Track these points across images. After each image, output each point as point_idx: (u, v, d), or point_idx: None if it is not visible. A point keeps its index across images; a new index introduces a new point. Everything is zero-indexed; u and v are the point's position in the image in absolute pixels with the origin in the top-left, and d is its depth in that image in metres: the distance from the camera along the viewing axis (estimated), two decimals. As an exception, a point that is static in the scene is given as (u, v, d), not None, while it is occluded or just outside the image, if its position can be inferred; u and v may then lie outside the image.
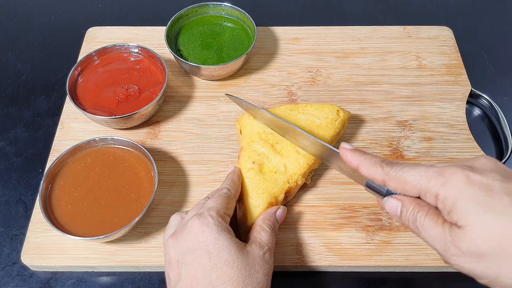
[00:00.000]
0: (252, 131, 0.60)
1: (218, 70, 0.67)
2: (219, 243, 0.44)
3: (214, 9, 0.75)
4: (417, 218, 0.41)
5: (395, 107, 0.68)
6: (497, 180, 0.38)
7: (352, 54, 0.74)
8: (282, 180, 0.55)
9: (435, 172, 0.41)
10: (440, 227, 0.40)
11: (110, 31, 0.77)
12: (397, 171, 0.43)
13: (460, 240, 0.38)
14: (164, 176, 0.61)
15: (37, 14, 0.85)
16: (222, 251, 0.44)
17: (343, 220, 0.57)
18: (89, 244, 0.56)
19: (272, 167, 0.56)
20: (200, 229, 0.45)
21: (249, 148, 0.58)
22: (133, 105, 0.64)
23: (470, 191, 0.38)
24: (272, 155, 0.57)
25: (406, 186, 0.42)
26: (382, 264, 0.54)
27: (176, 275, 0.45)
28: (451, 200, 0.39)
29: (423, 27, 0.77)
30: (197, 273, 0.43)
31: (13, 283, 0.55)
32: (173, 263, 0.45)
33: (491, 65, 0.76)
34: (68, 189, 0.56)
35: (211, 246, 0.44)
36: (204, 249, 0.44)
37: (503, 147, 0.66)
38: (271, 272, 0.47)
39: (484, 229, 0.37)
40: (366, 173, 0.46)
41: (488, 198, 0.38)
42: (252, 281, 0.44)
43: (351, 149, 0.48)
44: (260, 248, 0.47)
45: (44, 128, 0.69)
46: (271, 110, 0.61)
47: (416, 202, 0.42)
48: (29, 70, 0.76)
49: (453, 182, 0.39)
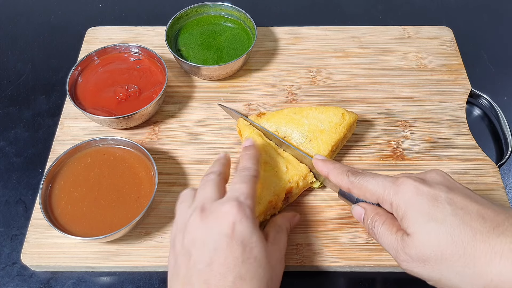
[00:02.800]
0: (253, 132, 0.60)
1: (218, 70, 0.67)
2: (253, 239, 0.44)
3: (214, 9, 0.75)
4: (375, 226, 0.47)
5: (395, 107, 0.68)
6: (443, 191, 0.43)
7: (352, 54, 0.74)
8: (283, 179, 0.55)
9: (390, 182, 0.46)
10: (394, 236, 0.44)
11: (110, 31, 0.77)
12: (360, 180, 0.48)
13: (409, 247, 0.42)
14: (164, 176, 0.61)
15: (37, 14, 0.85)
16: (254, 247, 0.43)
17: (343, 220, 0.57)
18: (89, 244, 0.56)
19: (274, 166, 0.56)
20: (238, 218, 0.44)
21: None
22: (133, 105, 0.64)
23: (418, 201, 0.43)
24: (274, 155, 0.57)
25: (367, 193, 0.48)
26: (382, 264, 0.54)
27: (200, 256, 0.43)
28: (402, 208, 0.44)
29: (423, 27, 0.77)
30: (227, 261, 0.42)
31: (13, 283, 0.55)
32: (198, 242, 0.43)
33: (491, 65, 0.76)
34: (68, 189, 0.56)
35: (246, 240, 0.43)
36: (239, 240, 0.43)
37: (503, 147, 0.66)
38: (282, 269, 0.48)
39: (427, 236, 0.42)
40: (334, 180, 0.51)
41: (432, 207, 0.42)
42: (272, 282, 0.44)
43: (322, 159, 0.54)
44: (279, 252, 0.48)
45: (44, 128, 0.69)
46: (275, 113, 0.61)
47: (376, 210, 0.48)
48: (29, 70, 0.76)
49: (404, 192, 0.44)
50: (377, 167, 0.62)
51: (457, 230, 0.41)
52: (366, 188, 0.48)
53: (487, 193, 0.59)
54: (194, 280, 0.42)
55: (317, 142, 0.58)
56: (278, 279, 0.46)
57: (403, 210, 0.44)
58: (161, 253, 0.55)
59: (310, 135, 0.58)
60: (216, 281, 0.41)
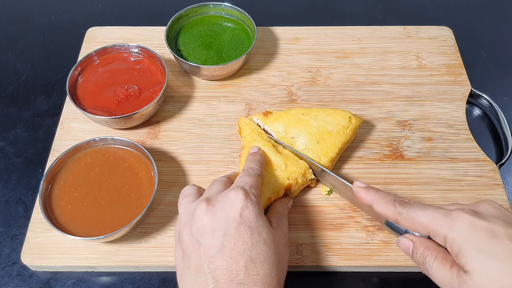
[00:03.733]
0: (253, 131, 0.60)
1: (218, 70, 0.67)
2: (260, 223, 0.45)
3: (214, 9, 0.75)
4: (427, 261, 0.44)
5: (395, 107, 0.68)
6: (500, 226, 0.41)
7: (352, 54, 0.74)
8: (282, 176, 0.56)
9: (443, 215, 0.44)
10: (448, 272, 0.42)
11: (110, 31, 0.77)
12: (408, 212, 0.46)
13: (467, 284, 0.40)
14: (164, 176, 0.61)
15: (37, 14, 0.85)
16: (262, 231, 0.44)
17: (343, 220, 0.57)
18: (89, 244, 0.56)
19: (272, 164, 0.56)
20: (244, 204, 0.45)
21: (250, 145, 0.58)
22: (133, 105, 0.64)
23: (476, 236, 0.41)
24: (272, 154, 0.57)
25: (417, 226, 0.46)
26: (382, 264, 0.54)
27: (210, 243, 0.43)
28: (458, 244, 0.42)
29: (423, 27, 0.77)
30: (237, 245, 0.43)
31: (13, 283, 0.55)
32: (207, 230, 0.44)
33: (491, 65, 0.76)
34: (68, 189, 0.56)
35: (253, 224, 0.44)
36: (247, 225, 0.44)
37: (503, 147, 0.66)
38: None
39: (488, 275, 0.39)
40: (380, 211, 0.49)
41: (492, 244, 0.40)
42: (281, 265, 0.45)
43: (364, 187, 0.51)
44: (284, 236, 0.49)
45: (44, 128, 0.69)
46: (282, 112, 0.61)
47: (426, 244, 0.45)
48: (29, 70, 0.76)
49: (460, 226, 0.42)
50: (377, 167, 0.62)
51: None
52: (416, 220, 0.45)
53: (487, 193, 0.59)
54: (205, 268, 0.42)
55: (325, 144, 0.58)
56: (286, 263, 0.47)
57: (459, 246, 0.42)
58: (161, 253, 0.55)
59: (318, 137, 0.58)
60: (228, 266, 0.41)
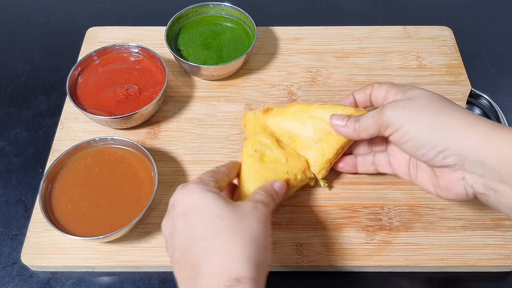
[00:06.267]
0: (257, 124, 0.59)
1: (218, 70, 0.67)
2: (204, 201, 0.43)
3: (214, 9, 0.75)
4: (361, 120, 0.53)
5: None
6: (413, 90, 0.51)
7: (352, 54, 0.74)
8: (281, 170, 0.55)
9: None
10: None
11: (110, 31, 0.77)
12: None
13: None
14: (164, 176, 0.61)
15: (37, 14, 0.85)
16: (211, 207, 0.43)
17: (343, 220, 0.57)
18: (89, 244, 0.56)
19: (273, 157, 0.55)
20: (184, 196, 0.45)
21: (253, 138, 0.57)
22: (133, 105, 0.64)
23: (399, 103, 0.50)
24: (274, 147, 0.56)
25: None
26: (382, 264, 0.54)
27: (171, 250, 0.44)
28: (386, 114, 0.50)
29: (423, 27, 0.77)
30: (188, 235, 0.42)
31: (13, 283, 0.55)
32: (168, 241, 0.44)
33: (491, 65, 0.76)
34: (68, 189, 0.56)
35: (198, 206, 0.43)
36: (194, 211, 0.43)
37: (503, 147, 0.66)
38: (265, 220, 0.45)
39: None
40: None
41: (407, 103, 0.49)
42: (243, 226, 0.42)
43: None
44: (252, 202, 0.46)
45: (44, 128, 0.69)
46: (282, 109, 0.59)
47: None
48: (29, 70, 0.76)
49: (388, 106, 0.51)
50: (377, 167, 0.62)
51: None
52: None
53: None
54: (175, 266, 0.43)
55: (322, 144, 0.56)
56: (256, 221, 0.43)
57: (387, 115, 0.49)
58: (161, 253, 0.55)
59: (315, 137, 0.57)
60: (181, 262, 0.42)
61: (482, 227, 0.56)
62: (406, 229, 0.56)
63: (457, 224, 0.57)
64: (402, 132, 0.47)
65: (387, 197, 0.59)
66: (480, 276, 0.56)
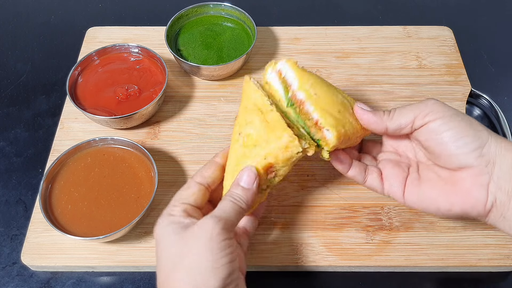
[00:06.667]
0: (249, 98, 0.50)
1: (218, 70, 0.67)
2: (159, 233, 0.44)
3: (214, 9, 0.75)
4: None
5: (395, 107, 0.68)
6: None
7: (352, 54, 0.74)
8: (261, 154, 0.46)
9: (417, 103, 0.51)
10: None
11: (110, 31, 0.77)
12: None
13: None
14: (164, 176, 0.61)
15: (37, 14, 0.85)
16: (161, 238, 0.44)
17: (343, 220, 0.57)
18: (89, 244, 0.56)
19: (255, 138, 0.47)
20: (154, 236, 0.46)
21: (241, 116, 0.50)
22: (133, 105, 0.64)
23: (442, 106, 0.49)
24: (258, 121, 0.47)
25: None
26: (382, 264, 0.54)
27: None
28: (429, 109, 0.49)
29: (423, 27, 0.77)
30: (157, 268, 0.44)
31: (13, 283, 0.55)
32: None
33: (491, 65, 0.76)
34: (68, 189, 0.56)
35: (157, 239, 0.44)
36: (156, 244, 0.45)
37: (503, 147, 0.66)
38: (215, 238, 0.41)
39: None
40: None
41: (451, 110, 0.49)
42: (188, 253, 0.41)
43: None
44: (202, 221, 0.43)
45: (44, 128, 0.69)
46: None
47: None
48: (29, 70, 0.76)
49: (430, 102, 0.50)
50: (377, 167, 0.62)
51: None
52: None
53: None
54: None
55: (345, 115, 0.50)
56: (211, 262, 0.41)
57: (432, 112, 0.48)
58: (161, 253, 0.55)
59: (340, 107, 0.50)
60: None
61: (482, 227, 0.56)
62: (406, 229, 0.56)
63: (457, 224, 0.57)
64: (445, 120, 0.46)
65: (387, 197, 0.59)
66: (480, 276, 0.56)
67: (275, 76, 0.52)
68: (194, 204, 0.47)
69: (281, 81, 0.51)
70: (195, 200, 0.47)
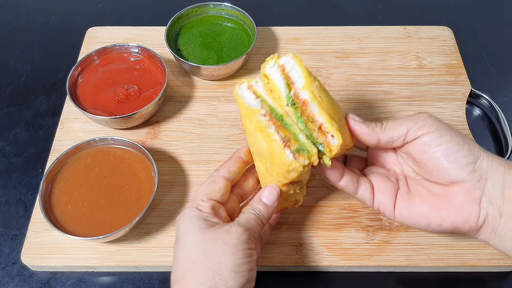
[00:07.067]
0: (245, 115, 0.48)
1: (218, 70, 0.67)
2: (183, 228, 0.45)
3: (214, 9, 0.75)
4: None
5: (395, 107, 0.68)
6: None
7: (352, 54, 0.74)
8: (274, 176, 0.47)
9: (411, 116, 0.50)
10: None
11: (110, 31, 0.77)
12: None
13: None
14: (164, 176, 0.61)
15: (37, 14, 0.85)
16: (185, 235, 0.45)
17: (343, 220, 0.57)
18: (89, 244, 0.56)
19: (264, 159, 0.47)
20: (177, 224, 0.47)
21: (249, 137, 0.49)
22: (133, 105, 0.64)
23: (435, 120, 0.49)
24: (260, 143, 0.45)
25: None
26: (382, 264, 0.54)
27: None
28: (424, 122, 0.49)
29: (423, 27, 0.77)
30: (175, 261, 0.45)
31: (13, 283, 0.55)
32: None
33: (491, 65, 0.76)
34: (68, 189, 0.56)
35: (178, 234, 0.46)
36: (177, 238, 0.46)
37: (503, 147, 0.66)
38: (237, 242, 0.43)
39: None
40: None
41: None
42: (212, 252, 0.43)
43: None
44: (230, 225, 0.45)
45: (44, 128, 0.69)
46: None
47: None
48: (29, 70, 0.76)
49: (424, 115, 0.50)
50: (377, 167, 0.62)
51: None
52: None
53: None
54: None
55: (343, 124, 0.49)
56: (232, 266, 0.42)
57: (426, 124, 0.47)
58: (161, 253, 0.55)
59: (340, 115, 0.48)
60: None
61: (482, 227, 0.56)
62: (406, 229, 0.56)
63: (457, 224, 0.57)
64: (439, 134, 0.45)
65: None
66: (480, 276, 0.56)
67: (277, 71, 0.48)
68: (221, 201, 0.48)
69: (283, 76, 0.48)
70: (221, 196, 0.49)
